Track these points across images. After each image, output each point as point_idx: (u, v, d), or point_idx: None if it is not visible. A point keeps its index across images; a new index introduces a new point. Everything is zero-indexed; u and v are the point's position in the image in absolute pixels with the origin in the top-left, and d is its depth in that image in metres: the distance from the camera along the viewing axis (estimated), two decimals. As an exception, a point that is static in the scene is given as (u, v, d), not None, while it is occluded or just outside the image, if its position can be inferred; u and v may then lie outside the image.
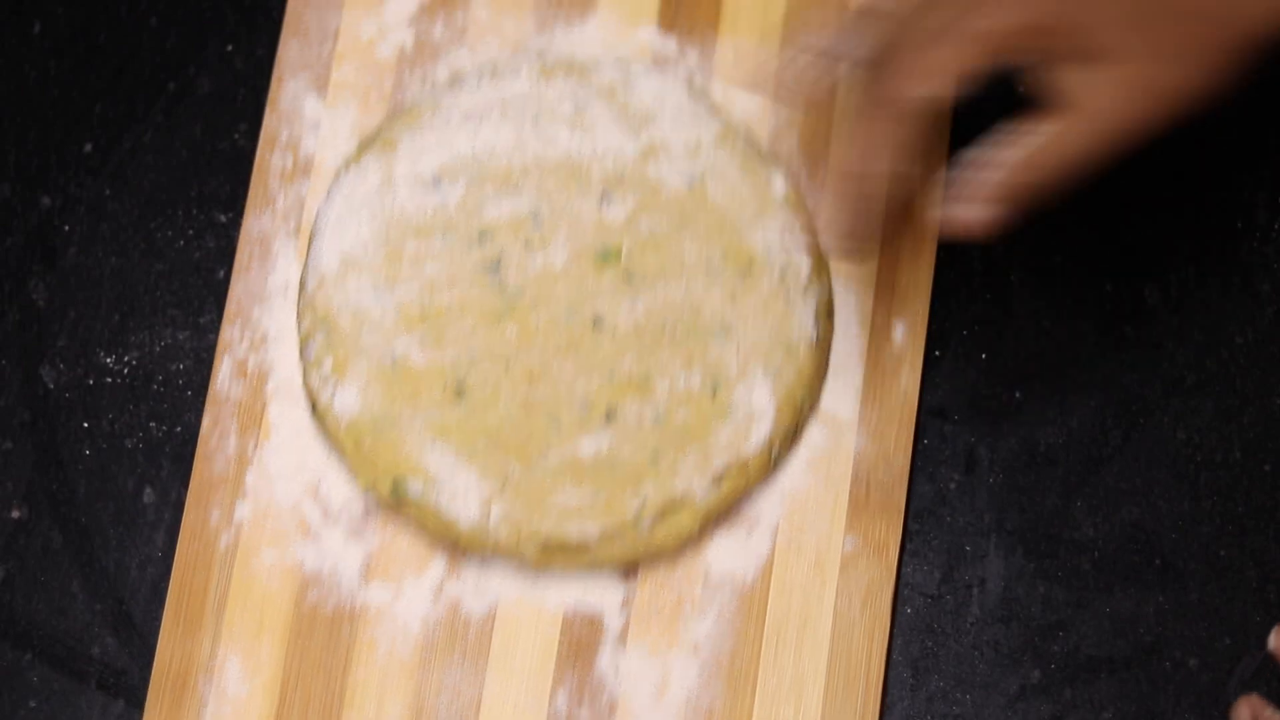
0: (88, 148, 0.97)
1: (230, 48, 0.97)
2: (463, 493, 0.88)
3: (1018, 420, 0.92)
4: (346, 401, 0.89)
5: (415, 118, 0.93)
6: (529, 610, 0.89)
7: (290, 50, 0.96)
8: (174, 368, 0.93)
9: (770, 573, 0.89)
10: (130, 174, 0.96)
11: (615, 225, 0.92)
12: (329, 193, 0.93)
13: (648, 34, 0.96)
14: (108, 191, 0.96)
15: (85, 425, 0.93)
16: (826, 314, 0.92)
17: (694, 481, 0.88)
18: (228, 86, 0.97)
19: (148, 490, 0.92)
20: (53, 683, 0.90)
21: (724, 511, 0.89)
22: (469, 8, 0.96)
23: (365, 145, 0.93)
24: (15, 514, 0.92)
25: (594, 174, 0.92)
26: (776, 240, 0.91)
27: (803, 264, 0.91)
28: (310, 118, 0.95)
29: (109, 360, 0.94)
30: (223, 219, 0.95)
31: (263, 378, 0.92)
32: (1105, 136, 0.80)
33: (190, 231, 0.95)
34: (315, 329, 0.90)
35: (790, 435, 0.90)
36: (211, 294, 0.94)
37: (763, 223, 0.92)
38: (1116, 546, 0.90)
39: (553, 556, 0.88)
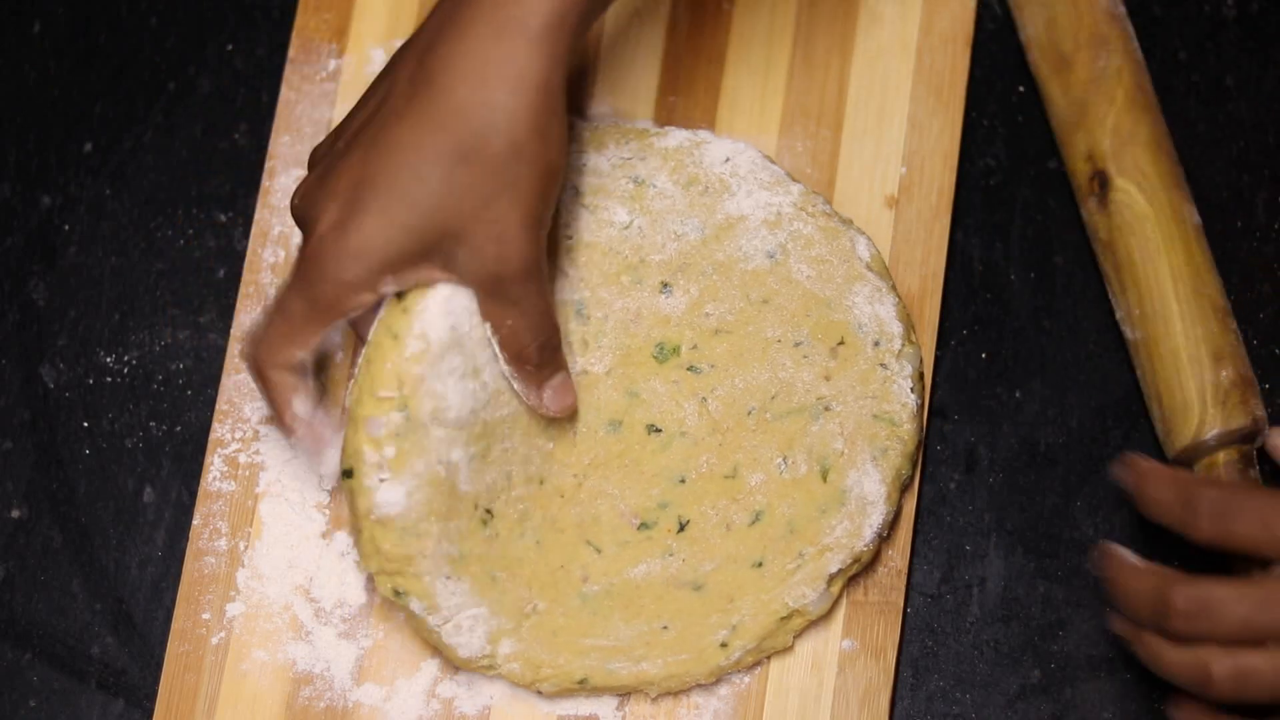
0: (88, 148, 0.97)
1: (230, 48, 0.97)
2: (467, 628, 0.84)
3: (1018, 420, 0.92)
4: (391, 497, 0.82)
5: None
6: (523, 712, 0.87)
7: (282, 143, 0.94)
8: (174, 367, 0.93)
9: (767, 674, 0.87)
10: (130, 174, 0.96)
11: (674, 317, 0.87)
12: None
13: (644, 128, 0.94)
14: (108, 191, 0.96)
15: (85, 425, 0.93)
16: (919, 378, 0.88)
17: (806, 590, 0.83)
18: (228, 86, 0.97)
19: (148, 490, 0.92)
20: (53, 683, 0.90)
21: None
22: None
23: None
24: (15, 514, 0.92)
25: (639, 258, 0.87)
26: (867, 309, 0.87)
27: (895, 330, 0.87)
28: None
29: (109, 360, 0.94)
30: (223, 218, 0.95)
31: (254, 475, 0.90)
32: None
33: (190, 231, 0.95)
34: (397, 407, 0.81)
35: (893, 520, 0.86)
36: (211, 294, 0.94)
37: (850, 292, 0.87)
38: (1116, 546, 0.90)
39: (577, 690, 0.84)
